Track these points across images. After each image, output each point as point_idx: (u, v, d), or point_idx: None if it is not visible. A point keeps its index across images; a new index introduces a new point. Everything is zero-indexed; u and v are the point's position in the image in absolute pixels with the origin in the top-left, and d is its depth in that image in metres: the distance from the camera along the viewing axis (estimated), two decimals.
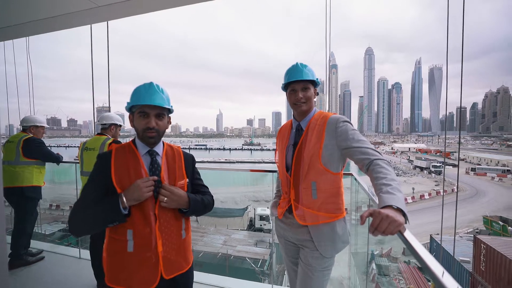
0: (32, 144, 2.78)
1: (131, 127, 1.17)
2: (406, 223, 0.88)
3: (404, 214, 0.88)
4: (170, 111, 1.18)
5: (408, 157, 75.46)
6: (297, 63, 1.36)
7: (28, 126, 2.89)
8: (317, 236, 1.29)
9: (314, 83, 1.36)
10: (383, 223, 0.84)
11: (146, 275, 1.08)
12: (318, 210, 1.28)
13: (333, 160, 1.27)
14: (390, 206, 0.90)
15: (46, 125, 3.01)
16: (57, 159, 2.90)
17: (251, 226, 18.85)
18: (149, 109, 1.09)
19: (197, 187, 1.29)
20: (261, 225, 18.21)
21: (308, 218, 1.29)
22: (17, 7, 2.47)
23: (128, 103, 1.13)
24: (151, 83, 1.12)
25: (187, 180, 1.22)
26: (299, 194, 1.31)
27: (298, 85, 1.33)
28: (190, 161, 1.27)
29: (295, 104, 1.35)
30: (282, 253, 1.52)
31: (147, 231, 1.08)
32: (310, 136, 1.30)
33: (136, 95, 1.10)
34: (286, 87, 1.39)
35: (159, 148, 1.18)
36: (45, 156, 2.85)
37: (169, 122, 1.20)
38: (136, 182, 1.05)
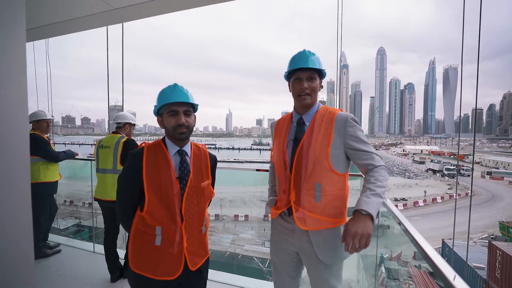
0: (30, 142, 2.76)
1: (161, 127, 1.20)
2: (375, 223, 0.96)
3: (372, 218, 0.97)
4: (195, 108, 1.21)
5: (412, 158, 72.63)
6: (304, 50, 1.23)
7: (29, 121, 2.80)
8: (317, 242, 1.20)
9: (321, 73, 1.24)
10: (355, 242, 0.93)
11: (170, 267, 1.15)
12: (320, 214, 1.18)
13: (339, 160, 1.19)
14: (359, 212, 0.98)
15: (46, 118, 2.89)
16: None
17: None
18: (177, 107, 1.13)
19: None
20: None
21: (309, 223, 1.19)
22: (39, 10, 2.58)
23: (155, 106, 1.17)
24: (175, 84, 1.16)
25: (211, 180, 1.28)
26: (301, 196, 1.20)
27: (303, 73, 1.20)
28: (213, 162, 1.32)
29: (299, 96, 1.22)
30: (277, 267, 1.34)
31: (173, 228, 1.14)
32: (316, 133, 1.20)
33: (163, 97, 1.14)
34: (289, 76, 1.27)
35: (187, 148, 1.21)
36: (43, 153, 2.78)
37: (195, 119, 1.23)
38: None
